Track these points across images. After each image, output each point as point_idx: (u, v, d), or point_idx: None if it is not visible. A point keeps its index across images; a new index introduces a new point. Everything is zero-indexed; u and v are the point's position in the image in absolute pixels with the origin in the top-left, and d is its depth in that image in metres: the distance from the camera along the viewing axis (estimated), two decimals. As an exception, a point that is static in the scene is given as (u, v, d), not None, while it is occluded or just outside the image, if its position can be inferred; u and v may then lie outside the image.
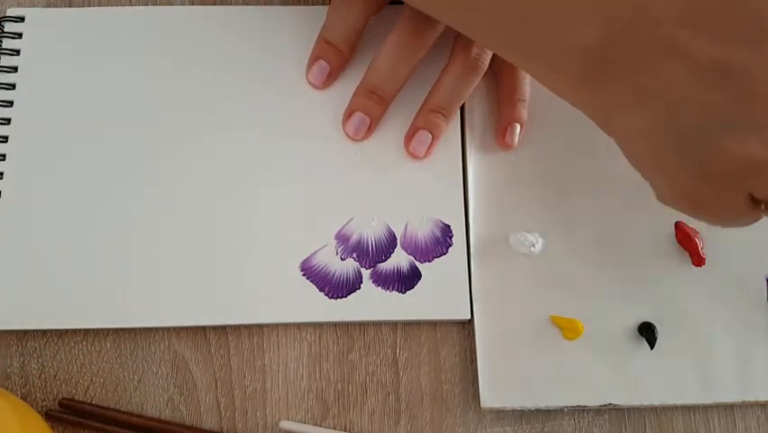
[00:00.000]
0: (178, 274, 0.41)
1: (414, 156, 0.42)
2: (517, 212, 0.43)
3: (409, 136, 0.42)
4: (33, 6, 0.46)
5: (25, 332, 0.41)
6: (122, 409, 0.40)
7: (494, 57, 0.42)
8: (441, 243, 0.42)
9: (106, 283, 0.40)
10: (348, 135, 0.43)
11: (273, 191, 0.42)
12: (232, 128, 0.43)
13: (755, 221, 0.33)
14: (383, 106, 0.42)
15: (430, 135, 0.42)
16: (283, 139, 0.43)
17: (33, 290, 0.40)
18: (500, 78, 0.43)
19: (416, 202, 0.42)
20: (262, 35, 0.45)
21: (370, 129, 0.43)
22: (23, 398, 0.40)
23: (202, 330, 0.41)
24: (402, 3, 0.41)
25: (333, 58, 0.43)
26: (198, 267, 0.41)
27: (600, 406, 0.40)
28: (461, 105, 0.43)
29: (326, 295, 0.41)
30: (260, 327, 0.41)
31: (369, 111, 0.42)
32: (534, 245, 0.42)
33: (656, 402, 0.40)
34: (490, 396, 0.40)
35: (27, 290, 0.40)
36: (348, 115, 0.43)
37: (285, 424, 0.40)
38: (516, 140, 0.43)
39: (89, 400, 0.40)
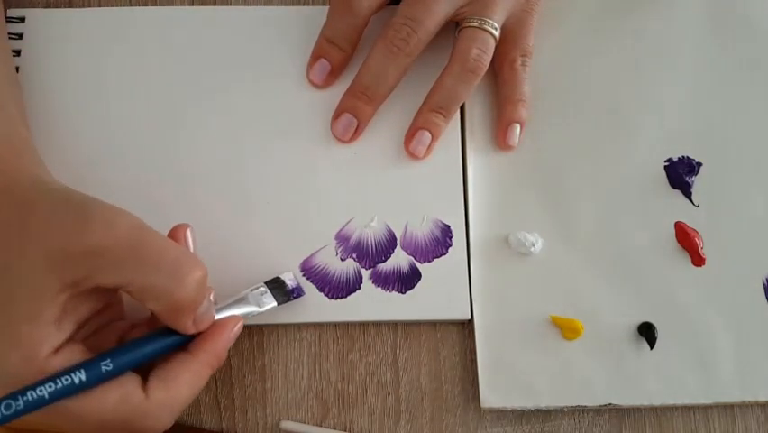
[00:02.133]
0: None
1: (413, 156, 0.42)
2: (517, 212, 0.43)
3: (409, 136, 0.42)
4: (33, 7, 0.46)
5: (25, 332, 0.41)
6: (122, 410, 0.40)
7: (494, 57, 0.42)
8: (441, 243, 0.42)
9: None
10: (335, 136, 0.43)
11: (273, 191, 0.42)
12: (231, 128, 0.43)
13: None
14: (372, 107, 0.42)
15: (430, 135, 0.42)
16: (283, 139, 0.43)
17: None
18: (500, 79, 0.43)
19: (415, 202, 0.42)
20: (262, 35, 0.45)
21: (358, 130, 0.43)
22: (24, 398, 0.40)
23: (202, 330, 0.41)
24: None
25: (334, 56, 0.43)
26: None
27: (600, 406, 0.40)
28: (460, 105, 0.43)
29: (326, 295, 0.41)
30: (260, 327, 0.41)
31: (357, 112, 0.42)
32: (534, 245, 0.42)
33: (656, 402, 0.40)
34: (490, 396, 0.40)
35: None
36: (336, 115, 0.43)
37: (285, 424, 0.40)
38: (517, 140, 0.43)
39: (89, 401, 0.40)
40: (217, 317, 0.36)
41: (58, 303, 0.30)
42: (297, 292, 0.40)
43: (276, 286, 0.39)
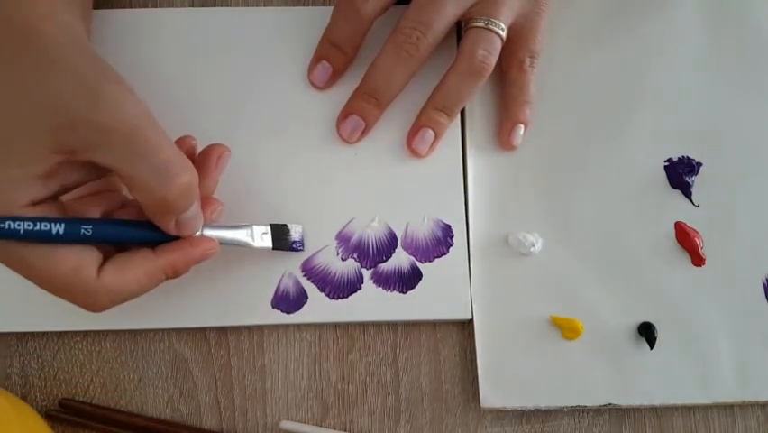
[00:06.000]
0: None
1: (415, 154, 0.42)
2: (517, 212, 0.43)
3: (412, 134, 0.42)
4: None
5: (25, 332, 0.41)
6: (122, 410, 0.40)
7: (503, 57, 0.42)
8: (441, 243, 0.42)
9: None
10: (342, 137, 0.43)
11: (273, 192, 0.42)
12: (232, 128, 0.43)
13: None
14: (380, 110, 0.42)
15: (433, 133, 0.42)
16: (283, 140, 0.43)
17: (33, 292, 0.40)
18: (508, 78, 0.43)
19: (416, 202, 0.42)
20: (263, 36, 0.45)
21: (365, 132, 0.43)
22: (23, 398, 0.40)
23: (202, 330, 0.41)
24: (406, 4, 0.41)
25: (336, 59, 0.43)
26: (200, 268, 0.41)
27: (600, 406, 0.40)
28: (464, 105, 0.43)
29: (327, 295, 0.41)
30: (260, 327, 0.41)
31: (365, 114, 0.42)
32: (534, 245, 0.42)
33: (656, 402, 0.40)
34: (490, 396, 0.40)
35: (27, 291, 0.40)
36: (344, 116, 0.42)
37: (285, 424, 0.40)
38: (520, 141, 0.43)
39: (89, 400, 0.40)
40: (207, 233, 0.36)
41: (49, 162, 0.31)
42: (298, 246, 0.40)
43: (280, 231, 0.40)
